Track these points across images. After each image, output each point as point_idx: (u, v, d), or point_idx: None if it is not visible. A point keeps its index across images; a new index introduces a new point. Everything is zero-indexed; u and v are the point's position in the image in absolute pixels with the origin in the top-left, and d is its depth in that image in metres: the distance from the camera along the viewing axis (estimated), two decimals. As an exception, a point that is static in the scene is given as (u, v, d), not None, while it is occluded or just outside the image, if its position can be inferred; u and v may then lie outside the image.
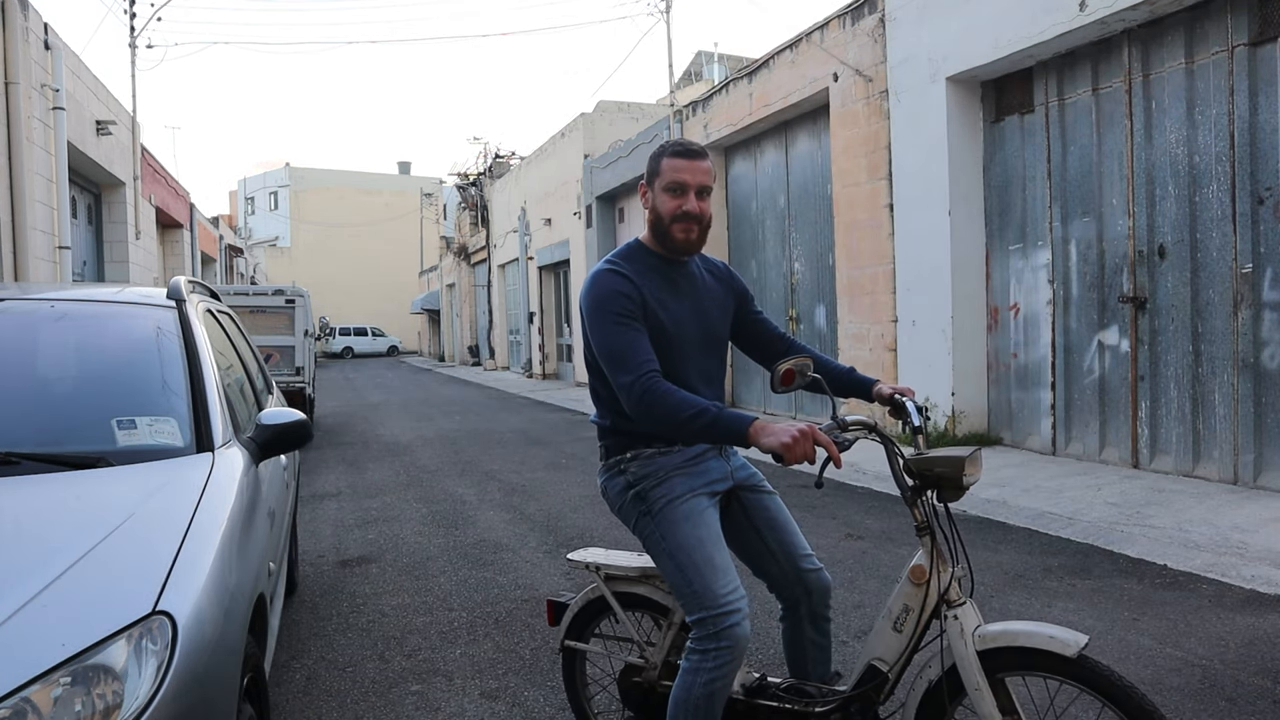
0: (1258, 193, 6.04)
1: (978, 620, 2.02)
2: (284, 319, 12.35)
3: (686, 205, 2.21)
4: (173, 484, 2.22)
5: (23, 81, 8.63)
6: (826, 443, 1.91)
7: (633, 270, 2.22)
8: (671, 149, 2.25)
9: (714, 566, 2.12)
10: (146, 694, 1.57)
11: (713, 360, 2.35)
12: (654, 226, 2.28)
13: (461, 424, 12.68)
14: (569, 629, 2.65)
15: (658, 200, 2.26)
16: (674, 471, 2.23)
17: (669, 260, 2.30)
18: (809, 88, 10.21)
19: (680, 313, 2.26)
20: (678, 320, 2.24)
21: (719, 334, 2.38)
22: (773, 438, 1.91)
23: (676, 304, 2.26)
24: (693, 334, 2.27)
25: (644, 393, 2.05)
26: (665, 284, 2.26)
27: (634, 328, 2.13)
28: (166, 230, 17.16)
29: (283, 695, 3.28)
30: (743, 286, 2.51)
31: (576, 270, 19.45)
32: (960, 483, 2.02)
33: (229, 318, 3.98)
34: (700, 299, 2.33)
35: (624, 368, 2.09)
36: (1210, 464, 6.38)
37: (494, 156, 28.19)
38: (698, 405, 2.01)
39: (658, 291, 2.23)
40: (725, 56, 30.57)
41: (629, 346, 2.10)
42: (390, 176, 56.83)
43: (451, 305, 36.54)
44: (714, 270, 2.46)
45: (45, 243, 9.27)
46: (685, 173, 2.22)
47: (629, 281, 2.18)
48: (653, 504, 2.21)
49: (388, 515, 6.48)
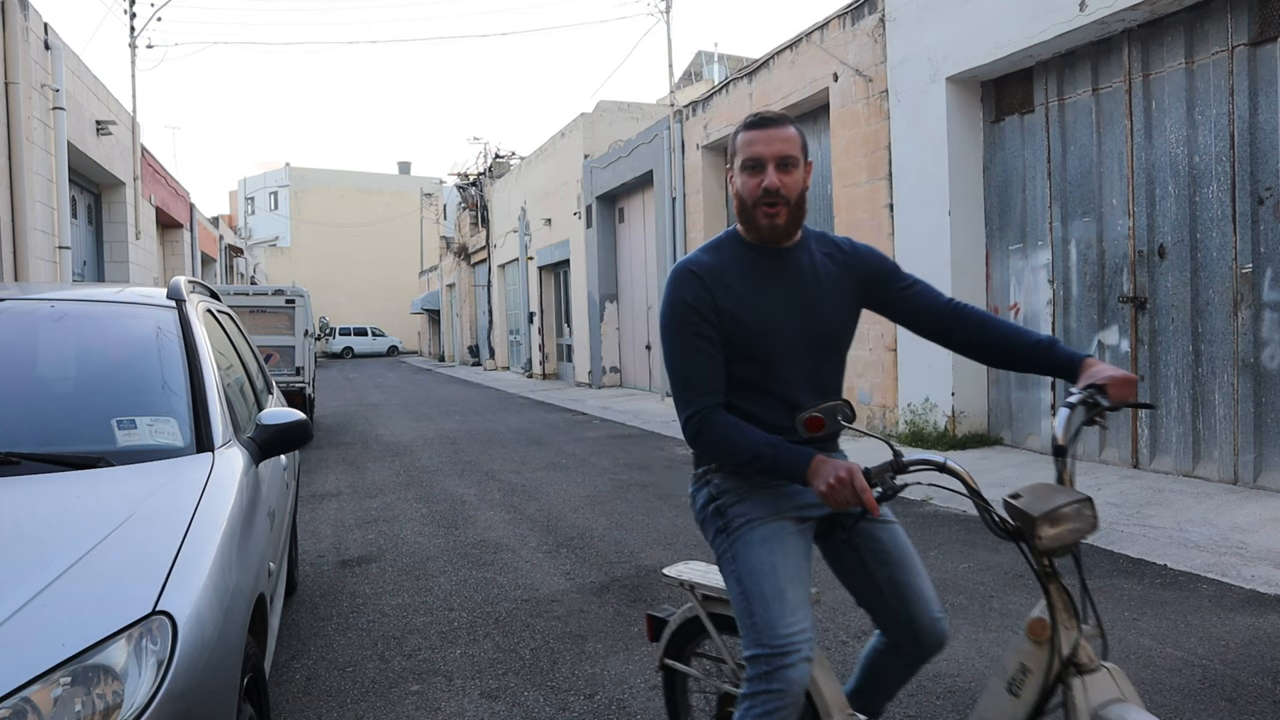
0: (1258, 193, 6.04)
1: (1115, 693, 1.62)
2: (284, 319, 12.34)
3: (766, 182, 1.91)
4: (173, 484, 2.22)
5: (23, 81, 8.63)
6: (863, 489, 1.68)
7: (712, 266, 1.96)
8: (745, 122, 1.97)
9: (782, 600, 1.86)
10: (146, 694, 1.57)
11: (823, 361, 2.02)
12: (740, 213, 1.99)
13: (461, 424, 12.67)
14: (667, 647, 2.44)
15: (738, 183, 1.97)
16: (759, 489, 1.98)
17: (763, 249, 1.99)
18: (809, 88, 10.21)
19: (771, 309, 1.95)
20: (767, 318, 1.94)
21: (831, 330, 2.02)
22: (819, 480, 1.73)
23: (767, 299, 1.96)
24: (790, 333, 1.96)
25: (698, 431, 1.89)
26: (755, 277, 1.97)
27: (699, 347, 1.91)
28: (166, 230, 17.16)
29: (283, 695, 3.28)
30: (875, 263, 2.10)
31: (576, 270, 19.45)
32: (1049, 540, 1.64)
33: (229, 318, 3.98)
34: (805, 290, 1.99)
35: (683, 397, 1.91)
36: (1210, 464, 6.38)
37: (494, 156, 28.19)
38: (753, 446, 1.83)
39: (741, 288, 1.95)
40: (725, 56, 30.56)
41: (691, 372, 1.91)
42: (390, 176, 56.82)
43: (451, 305, 36.53)
44: (833, 253, 2.08)
45: (45, 243, 9.27)
46: (759, 144, 1.92)
47: (699, 284, 1.93)
48: (730, 521, 1.98)
49: (388, 515, 6.48)
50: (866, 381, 9.44)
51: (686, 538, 5.46)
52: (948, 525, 5.51)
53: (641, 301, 16.66)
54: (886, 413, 9.15)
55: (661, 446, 9.66)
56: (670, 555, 5.06)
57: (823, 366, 2.02)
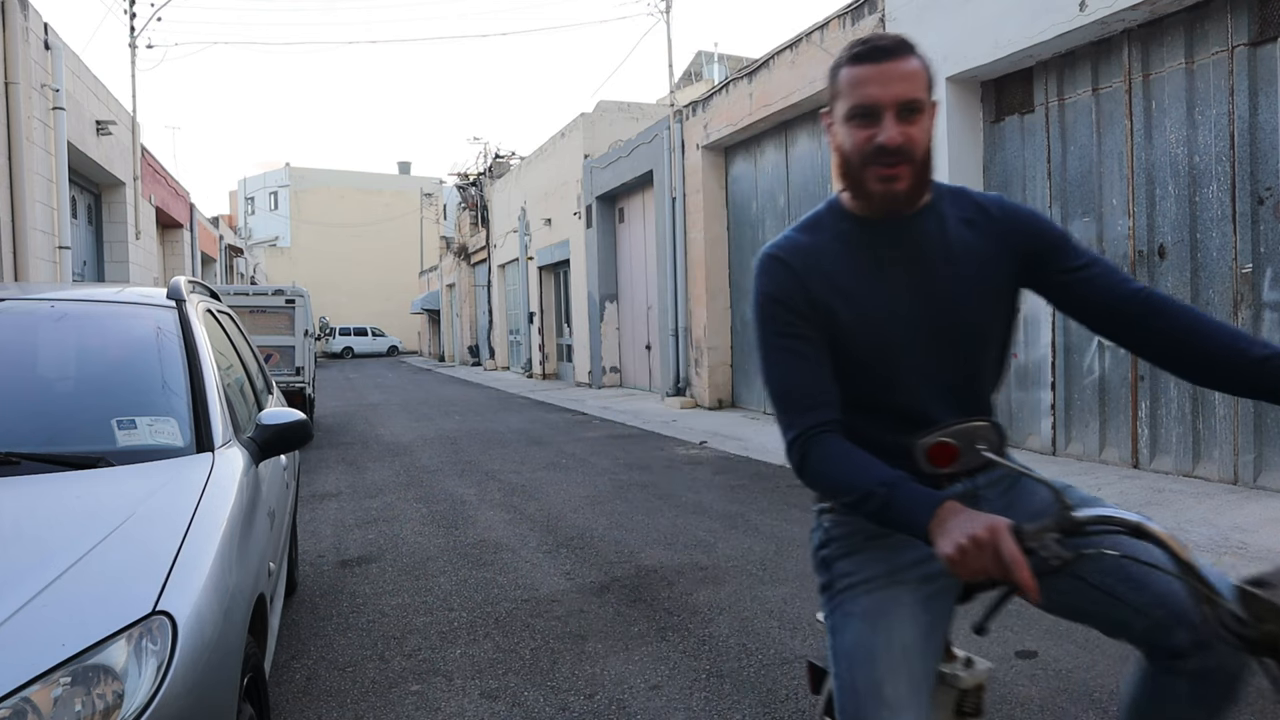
0: (1258, 193, 6.04)
1: None
2: (284, 319, 12.35)
3: (883, 136, 1.43)
4: (173, 484, 2.22)
5: (23, 81, 8.63)
6: (1013, 558, 1.21)
7: (806, 249, 1.55)
8: (850, 54, 1.47)
9: (878, 697, 1.45)
10: (146, 694, 1.57)
11: (960, 365, 1.56)
12: (843, 174, 1.52)
13: (461, 424, 12.67)
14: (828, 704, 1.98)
15: (841, 135, 1.49)
16: (872, 540, 1.56)
17: (874, 222, 1.53)
18: (809, 88, 10.21)
19: (883, 300, 1.52)
20: (876, 313, 1.51)
21: (970, 321, 1.55)
22: (945, 539, 1.28)
23: (878, 288, 1.52)
24: (909, 329, 1.52)
25: (801, 461, 1.48)
26: (862, 260, 1.54)
27: (795, 351, 1.50)
28: (166, 230, 17.16)
29: (283, 695, 3.28)
30: (1036, 230, 1.58)
31: (576, 270, 19.45)
32: None
33: (229, 318, 3.98)
34: (931, 269, 1.53)
35: (783, 419, 1.51)
36: (1210, 464, 6.38)
37: (494, 156, 28.20)
38: (864, 484, 1.40)
39: (843, 275, 1.53)
40: (725, 56, 30.57)
41: (786, 386, 1.51)
42: (390, 176, 56.83)
43: (451, 305, 36.54)
44: (975, 218, 1.57)
45: (45, 243, 9.27)
46: (873, 84, 1.44)
47: (787, 273, 1.53)
48: (834, 579, 1.60)
49: (388, 515, 6.48)
50: (866, 381, 9.43)
51: (686, 538, 5.46)
52: None
53: (641, 301, 16.66)
54: None
55: (661, 446, 9.66)
56: (670, 555, 5.06)
57: (960, 371, 1.55)
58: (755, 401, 12.53)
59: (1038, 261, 1.57)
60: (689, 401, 13.52)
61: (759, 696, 3.14)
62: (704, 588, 4.43)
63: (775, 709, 3.03)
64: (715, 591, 4.36)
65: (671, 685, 3.26)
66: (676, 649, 3.62)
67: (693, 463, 8.48)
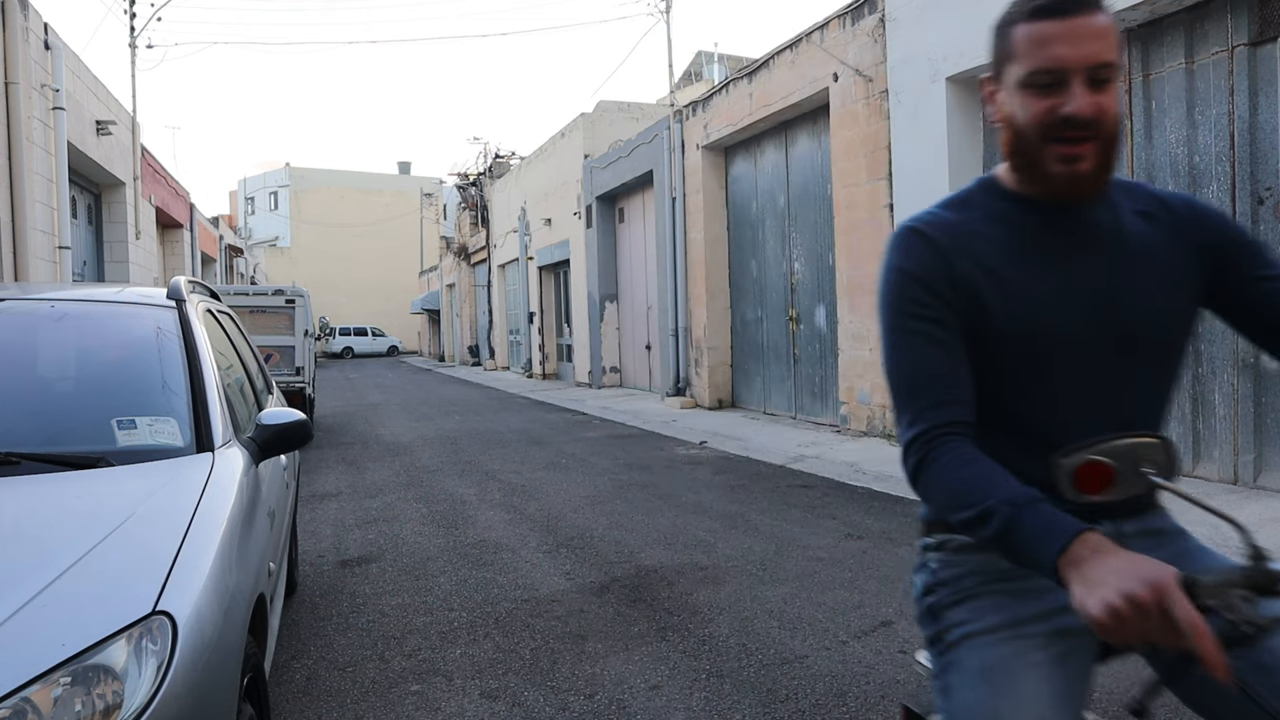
0: (1258, 193, 6.04)
1: None
2: (284, 319, 12.35)
3: (1070, 105, 1.21)
4: (172, 484, 2.22)
5: (23, 81, 8.63)
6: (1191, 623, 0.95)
7: (954, 226, 1.34)
8: (1030, 6, 1.24)
9: None
10: (146, 694, 1.57)
11: (1131, 379, 1.33)
12: (1013, 151, 1.31)
13: (461, 424, 12.68)
14: None
15: (1013, 105, 1.28)
16: (990, 584, 1.33)
17: (1042, 207, 1.33)
18: (809, 88, 10.21)
19: (1045, 296, 1.30)
20: (1035, 308, 1.30)
21: (1148, 327, 1.33)
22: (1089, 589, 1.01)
23: (1041, 281, 1.31)
24: (1074, 332, 1.30)
25: (918, 466, 1.25)
26: (1024, 247, 1.32)
27: (933, 336, 1.29)
28: (166, 230, 17.16)
29: (283, 695, 3.28)
30: (1223, 230, 1.38)
31: (576, 270, 19.45)
32: None
33: (229, 318, 3.98)
34: (1109, 265, 1.32)
35: (903, 415, 1.29)
36: (1210, 464, 6.38)
37: (494, 156, 28.20)
38: (987, 498, 1.16)
39: (1000, 260, 1.31)
40: (725, 56, 30.57)
41: (912, 375, 1.29)
42: (390, 176, 56.84)
43: (451, 305, 36.54)
44: (1155, 212, 1.38)
45: (45, 243, 9.27)
46: (1060, 43, 1.22)
47: (930, 250, 1.32)
48: (944, 629, 1.35)
49: (388, 515, 6.48)
50: (866, 381, 9.44)
51: (686, 538, 5.46)
52: (948, 525, 5.51)
53: (641, 301, 16.66)
54: (887, 413, 9.15)
55: (661, 446, 9.66)
56: (670, 555, 5.06)
57: (1129, 386, 1.32)
58: (755, 401, 12.53)
59: (1222, 266, 1.36)
60: (689, 401, 13.52)
61: (759, 696, 3.14)
62: (704, 588, 4.43)
63: (775, 709, 3.03)
64: (715, 591, 4.36)
65: (671, 685, 3.26)
66: (676, 649, 3.62)
67: (693, 463, 8.48)
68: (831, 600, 4.13)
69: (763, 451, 8.84)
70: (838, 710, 3.00)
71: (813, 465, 7.97)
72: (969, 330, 1.30)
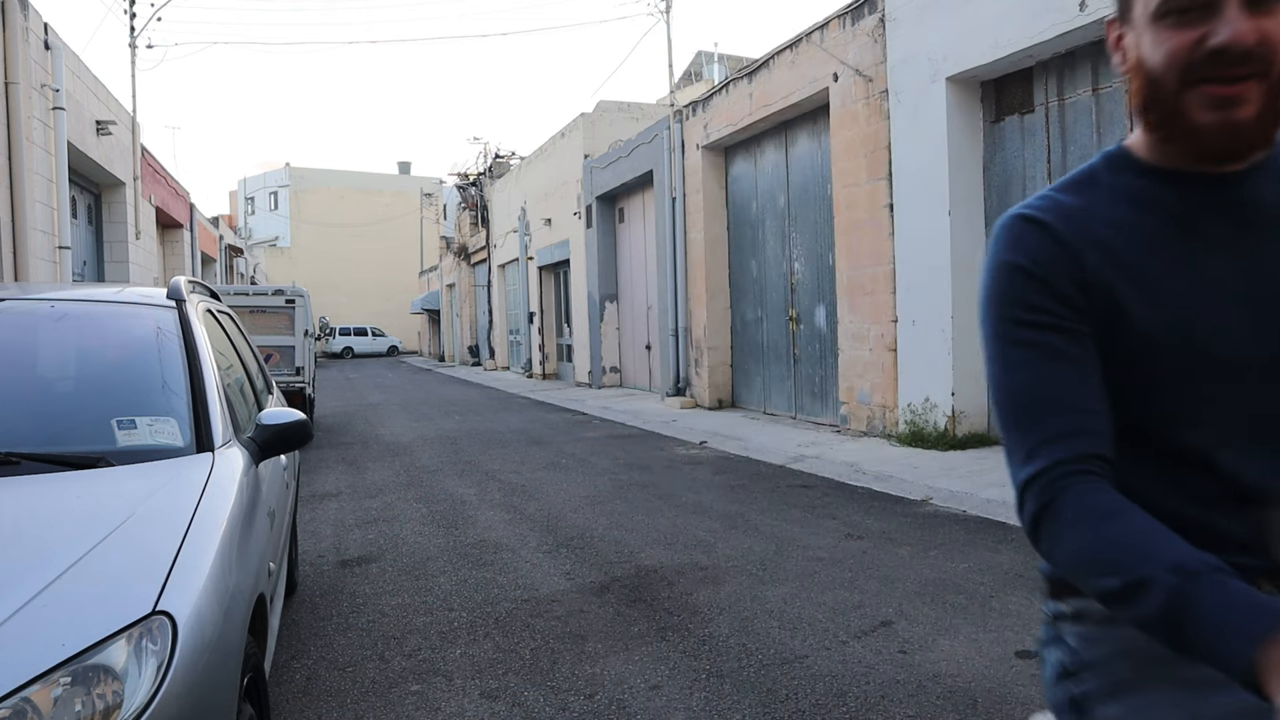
0: None
1: None
2: (284, 319, 12.35)
3: (1224, 33, 0.95)
4: (172, 484, 2.22)
5: (23, 81, 8.64)
6: None
7: (1074, 213, 1.08)
8: None
9: None
10: (146, 694, 1.57)
11: None
12: (1146, 105, 1.07)
13: (461, 424, 12.68)
14: None
15: (1146, 45, 1.04)
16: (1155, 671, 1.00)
17: (1184, 176, 1.06)
18: (809, 88, 10.21)
19: (1197, 290, 1.03)
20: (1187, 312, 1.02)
21: None
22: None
23: (1191, 270, 1.04)
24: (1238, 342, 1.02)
25: (1038, 515, 0.98)
26: (1167, 228, 1.05)
27: (1053, 348, 1.02)
28: (166, 230, 17.17)
29: (283, 695, 3.28)
30: None
31: (576, 270, 19.45)
32: None
33: (229, 318, 3.98)
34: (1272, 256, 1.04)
35: (1017, 449, 1.02)
36: (1210, 464, 6.38)
37: (494, 156, 28.21)
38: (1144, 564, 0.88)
39: (1133, 249, 1.05)
40: (725, 56, 30.59)
41: (1034, 395, 1.01)
42: (390, 176, 56.84)
43: (451, 305, 36.55)
44: None
45: (45, 243, 9.28)
46: None
47: (1049, 239, 1.06)
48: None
49: (388, 515, 6.48)
50: (866, 381, 9.44)
51: (686, 538, 5.46)
52: (948, 525, 5.51)
53: (641, 301, 16.66)
54: (886, 413, 9.15)
55: (661, 446, 9.67)
56: (670, 555, 5.06)
57: None
58: (755, 401, 12.52)
59: None
60: (689, 401, 13.52)
61: (759, 696, 3.14)
62: (704, 588, 4.43)
63: (775, 709, 3.04)
64: (715, 591, 4.36)
65: (671, 685, 3.26)
66: (676, 649, 3.62)
67: (693, 463, 8.48)
68: (831, 600, 4.13)
69: (763, 451, 8.85)
70: (838, 710, 3.00)
71: (813, 465, 7.97)
72: (1102, 340, 1.03)
